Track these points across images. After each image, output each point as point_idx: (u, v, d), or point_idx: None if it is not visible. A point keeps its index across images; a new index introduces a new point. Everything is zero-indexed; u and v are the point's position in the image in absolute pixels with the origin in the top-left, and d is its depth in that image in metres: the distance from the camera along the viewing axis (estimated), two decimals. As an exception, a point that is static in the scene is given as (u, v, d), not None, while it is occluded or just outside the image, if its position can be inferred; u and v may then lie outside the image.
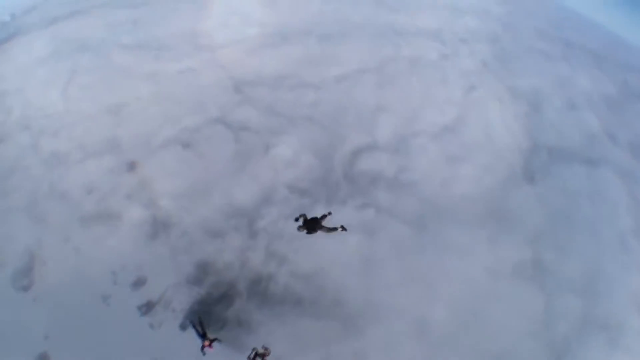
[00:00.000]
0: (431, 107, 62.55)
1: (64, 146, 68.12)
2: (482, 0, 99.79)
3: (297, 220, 21.47)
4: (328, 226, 21.11)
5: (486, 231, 43.29)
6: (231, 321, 37.39)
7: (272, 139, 59.15)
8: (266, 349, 24.51)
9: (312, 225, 21.26)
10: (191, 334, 34.75)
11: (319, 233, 21.81)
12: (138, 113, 72.97)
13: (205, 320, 28.28)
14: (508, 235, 42.55)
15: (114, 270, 42.78)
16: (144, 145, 65.09)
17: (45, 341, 35.08)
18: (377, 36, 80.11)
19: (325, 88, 66.87)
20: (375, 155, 58.14)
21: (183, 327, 35.39)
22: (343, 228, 22.19)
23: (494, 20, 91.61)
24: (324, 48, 79.70)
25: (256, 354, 23.97)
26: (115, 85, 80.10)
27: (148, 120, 70.69)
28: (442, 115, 60.22)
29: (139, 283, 42.98)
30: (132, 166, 61.65)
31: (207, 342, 24.89)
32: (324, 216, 21.41)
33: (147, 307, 40.24)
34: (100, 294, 39.63)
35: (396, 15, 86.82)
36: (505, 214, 45.86)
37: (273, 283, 41.93)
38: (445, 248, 40.63)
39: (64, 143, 68.99)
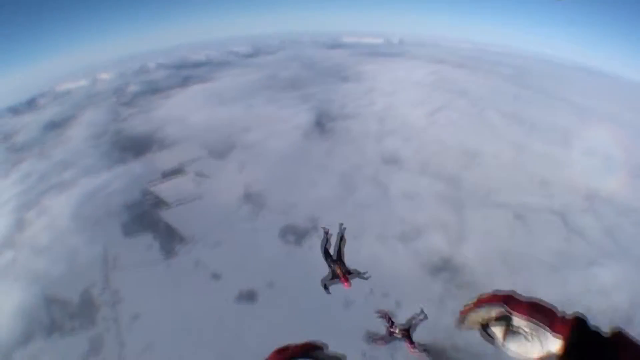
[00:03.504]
0: None
1: (404, 153, 68.98)
2: None
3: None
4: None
5: None
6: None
7: (599, 258, 52.79)
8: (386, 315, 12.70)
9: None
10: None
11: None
12: (489, 167, 74.01)
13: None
14: None
15: (372, 287, 48.83)
16: (480, 196, 64.75)
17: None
18: None
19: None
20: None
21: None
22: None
23: None
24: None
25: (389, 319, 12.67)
26: (479, 135, 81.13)
27: (495, 178, 69.52)
28: None
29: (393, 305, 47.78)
30: (455, 206, 62.81)
31: (340, 273, 10.57)
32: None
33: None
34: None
35: None
36: None
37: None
38: None
39: (406, 151, 70.46)
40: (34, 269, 56.92)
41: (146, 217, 68.22)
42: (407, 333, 13.26)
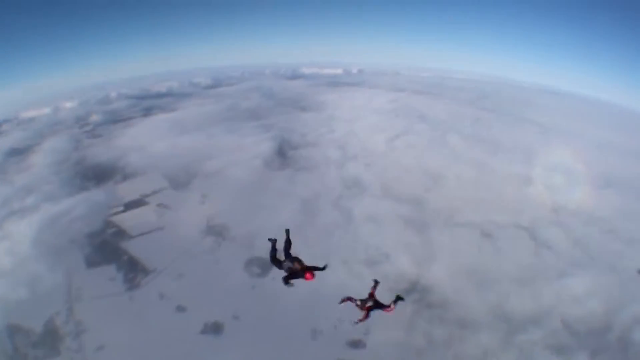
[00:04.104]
0: None
1: (367, 178, 71.19)
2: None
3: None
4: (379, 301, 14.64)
5: None
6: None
7: (569, 268, 53.92)
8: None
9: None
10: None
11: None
12: (452, 188, 75.45)
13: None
14: None
15: (340, 315, 48.31)
16: (444, 217, 65.53)
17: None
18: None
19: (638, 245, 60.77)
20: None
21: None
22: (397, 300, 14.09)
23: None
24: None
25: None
26: (441, 157, 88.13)
27: (458, 198, 70.77)
28: None
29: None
30: (420, 228, 63.09)
31: (300, 268, 12.73)
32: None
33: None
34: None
35: None
36: None
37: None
38: None
39: (368, 176, 72.27)
40: (-5, 294, 56.97)
41: (108, 247, 66.43)
42: (377, 301, 14.14)
